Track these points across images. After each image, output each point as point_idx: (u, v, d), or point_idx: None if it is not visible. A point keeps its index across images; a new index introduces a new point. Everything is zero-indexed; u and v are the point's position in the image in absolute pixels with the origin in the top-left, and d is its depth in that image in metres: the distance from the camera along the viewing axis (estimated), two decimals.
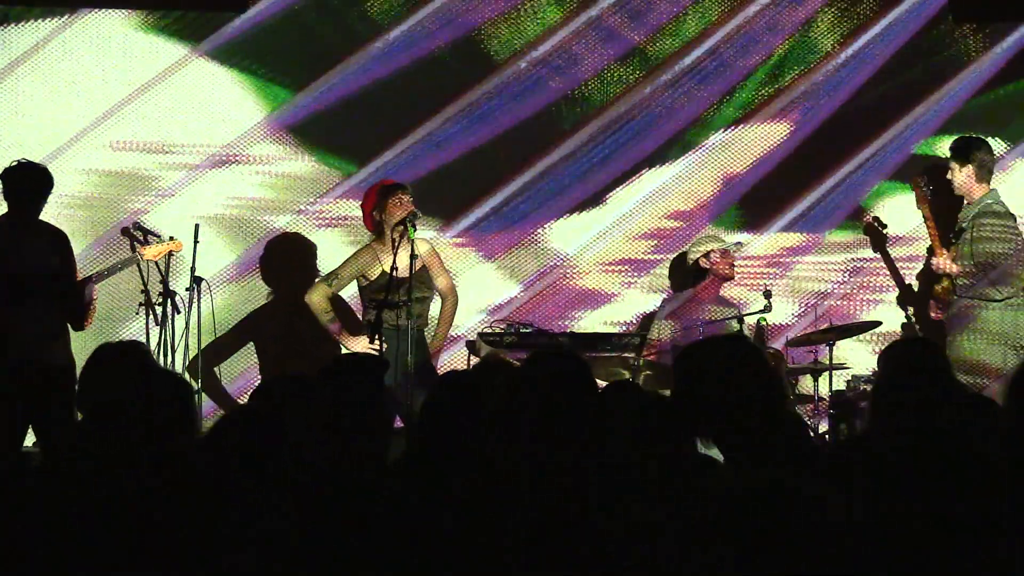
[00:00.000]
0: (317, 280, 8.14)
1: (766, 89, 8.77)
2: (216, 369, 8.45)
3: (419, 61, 8.70)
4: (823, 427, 7.82)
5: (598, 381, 4.19)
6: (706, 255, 8.28)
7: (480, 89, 8.72)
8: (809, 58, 8.75)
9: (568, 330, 8.54)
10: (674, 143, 8.78)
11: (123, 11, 8.59)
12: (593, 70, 8.76)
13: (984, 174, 7.99)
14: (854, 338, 8.21)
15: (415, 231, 7.58)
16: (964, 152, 8.01)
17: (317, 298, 7.94)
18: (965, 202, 8.03)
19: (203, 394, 7.74)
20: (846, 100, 8.77)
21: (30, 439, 7.43)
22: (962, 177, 7.99)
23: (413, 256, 7.52)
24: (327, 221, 8.70)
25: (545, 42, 8.75)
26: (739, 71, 8.77)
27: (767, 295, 8.00)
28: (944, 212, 8.14)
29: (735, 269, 8.34)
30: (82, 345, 7.40)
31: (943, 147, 8.37)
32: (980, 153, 8.00)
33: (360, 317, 8.15)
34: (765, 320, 7.98)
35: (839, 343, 7.98)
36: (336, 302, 8.21)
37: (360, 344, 7.68)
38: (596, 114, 8.77)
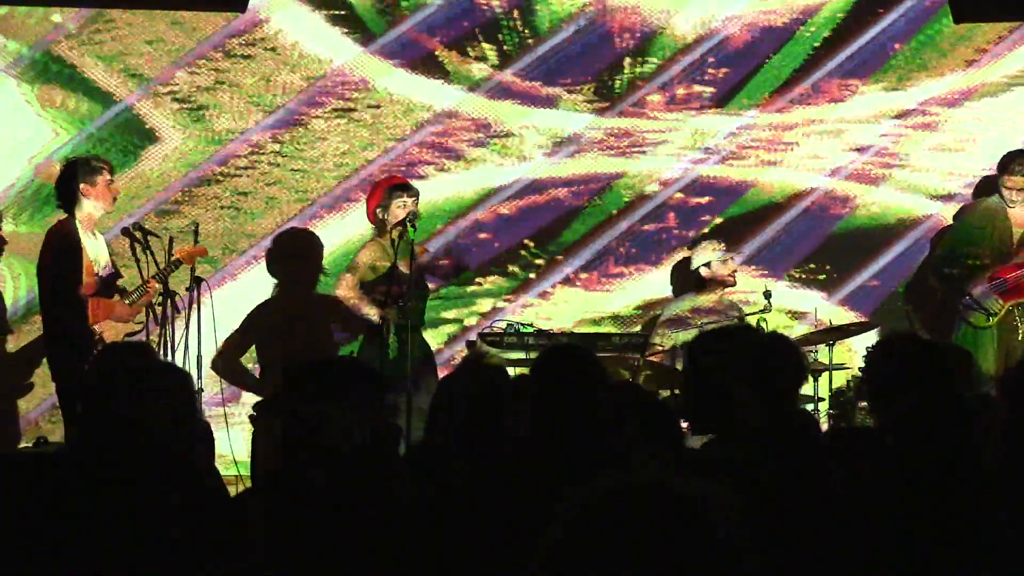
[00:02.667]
0: (342, 272, 8.06)
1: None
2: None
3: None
4: (823, 428, 7.82)
5: None
6: (707, 264, 8.28)
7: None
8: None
9: (569, 329, 8.56)
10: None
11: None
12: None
13: None
14: (854, 338, 8.21)
15: (415, 232, 7.59)
16: None
17: (344, 291, 7.88)
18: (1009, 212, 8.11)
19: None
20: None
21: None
22: None
23: (413, 256, 7.53)
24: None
25: None
26: None
27: (767, 295, 8.01)
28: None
29: (736, 276, 8.36)
30: None
31: None
32: None
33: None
34: (765, 321, 7.97)
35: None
36: (334, 313, 8.28)
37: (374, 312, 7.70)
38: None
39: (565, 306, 8.83)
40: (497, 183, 8.83)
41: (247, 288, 8.68)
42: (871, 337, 7.99)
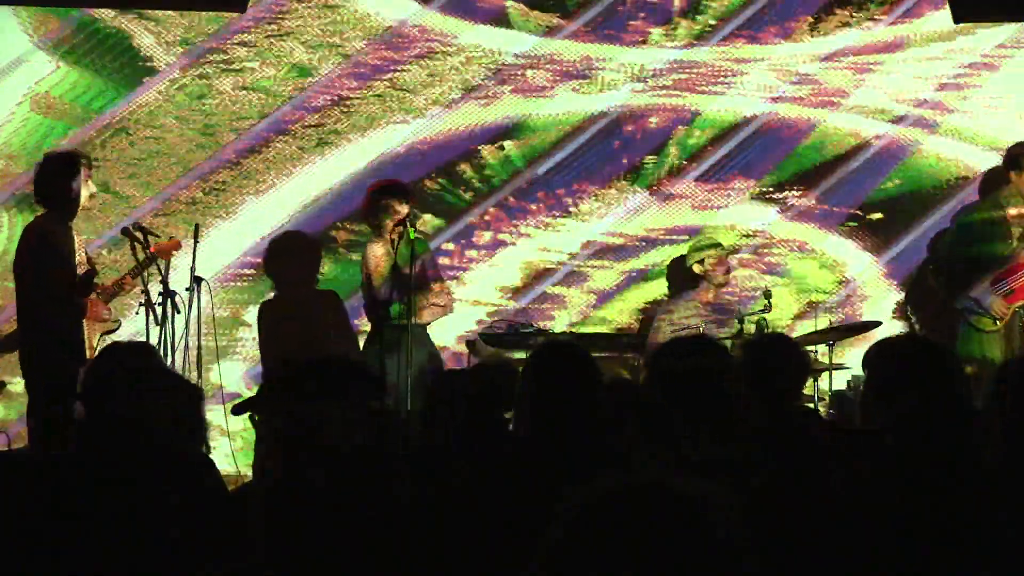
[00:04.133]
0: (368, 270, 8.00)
1: None
2: None
3: None
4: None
5: None
6: (701, 261, 8.29)
7: None
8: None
9: (568, 329, 8.57)
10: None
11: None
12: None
13: None
14: (854, 338, 8.21)
15: (415, 231, 7.59)
16: None
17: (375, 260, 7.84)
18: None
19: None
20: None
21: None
22: None
23: (413, 256, 7.53)
24: None
25: None
26: None
27: (767, 295, 8.02)
28: None
29: (731, 276, 8.38)
30: None
31: None
32: None
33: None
34: (765, 320, 7.98)
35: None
36: (330, 309, 8.28)
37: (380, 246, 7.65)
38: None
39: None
40: (582, 115, 8.83)
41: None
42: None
